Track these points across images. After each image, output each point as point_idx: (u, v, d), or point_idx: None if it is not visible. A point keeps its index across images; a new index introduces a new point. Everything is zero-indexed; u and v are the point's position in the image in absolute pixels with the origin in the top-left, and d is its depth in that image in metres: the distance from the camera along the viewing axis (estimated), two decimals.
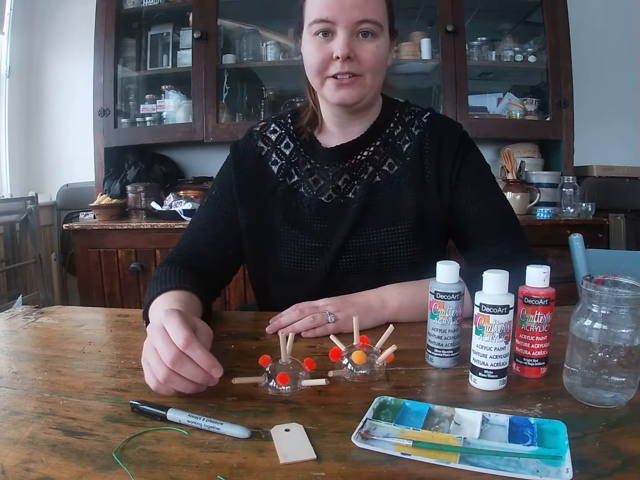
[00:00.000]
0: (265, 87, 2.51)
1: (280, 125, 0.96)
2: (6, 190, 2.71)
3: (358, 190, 0.89)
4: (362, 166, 0.90)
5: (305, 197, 0.91)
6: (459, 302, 0.63)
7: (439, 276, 0.64)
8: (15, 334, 0.80)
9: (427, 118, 0.92)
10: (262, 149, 0.94)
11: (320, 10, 0.79)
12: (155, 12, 2.41)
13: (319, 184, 0.91)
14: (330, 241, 0.88)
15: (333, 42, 0.79)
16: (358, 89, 0.82)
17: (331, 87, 0.82)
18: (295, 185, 0.92)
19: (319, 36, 0.80)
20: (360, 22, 0.78)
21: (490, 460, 0.44)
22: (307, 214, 0.90)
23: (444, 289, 0.63)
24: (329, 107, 0.90)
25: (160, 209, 2.20)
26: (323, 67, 0.81)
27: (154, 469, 0.43)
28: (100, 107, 2.34)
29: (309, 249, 0.88)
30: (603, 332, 0.53)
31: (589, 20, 2.39)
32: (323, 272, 0.88)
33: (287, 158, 0.93)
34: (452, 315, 0.63)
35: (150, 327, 0.62)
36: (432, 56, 2.28)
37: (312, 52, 0.82)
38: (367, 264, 0.88)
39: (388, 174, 0.90)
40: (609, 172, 2.29)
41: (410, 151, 0.90)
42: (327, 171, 0.91)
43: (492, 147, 2.49)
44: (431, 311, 0.65)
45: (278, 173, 0.92)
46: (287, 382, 0.57)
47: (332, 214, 0.90)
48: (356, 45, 0.79)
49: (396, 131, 0.92)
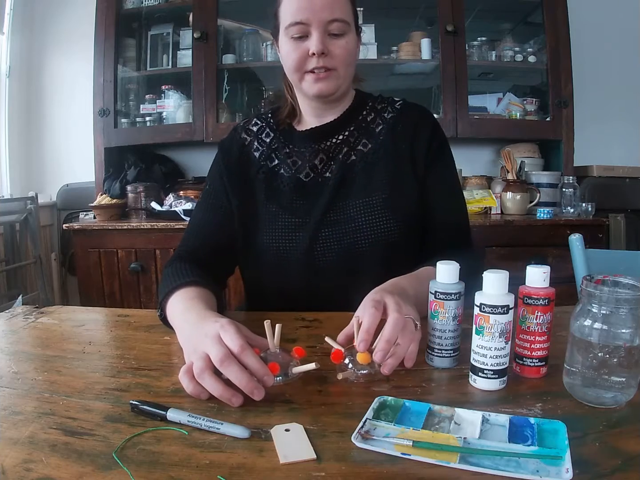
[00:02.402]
0: (265, 87, 2.51)
1: (262, 119, 1.04)
2: (6, 190, 2.71)
3: (334, 168, 0.96)
4: (338, 148, 0.97)
5: (284, 177, 0.97)
6: (459, 302, 0.63)
7: (439, 276, 0.64)
8: (15, 334, 0.80)
9: (400, 105, 1.00)
10: (245, 140, 1.02)
11: (294, 14, 0.87)
12: (155, 12, 2.41)
13: (297, 165, 0.98)
14: (309, 216, 0.93)
15: (308, 41, 0.88)
16: (333, 81, 0.90)
17: (310, 81, 0.90)
18: (276, 168, 0.98)
19: (295, 38, 0.88)
20: (330, 22, 0.87)
21: (490, 460, 0.44)
22: (287, 192, 0.96)
23: (444, 289, 0.63)
24: (306, 99, 0.98)
25: (160, 209, 2.20)
26: (301, 64, 0.89)
27: (154, 469, 0.43)
28: (100, 107, 2.35)
29: (289, 224, 0.93)
30: (603, 332, 0.53)
31: (589, 20, 2.39)
32: (303, 247, 0.91)
33: (267, 145, 1.01)
34: (452, 315, 0.63)
35: (203, 335, 0.59)
36: (432, 56, 2.28)
37: (290, 51, 0.89)
38: (346, 237, 0.91)
39: (362, 152, 0.97)
40: (609, 172, 2.29)
41: (383, 132, 0.97)
42: (304, 152, 0.98)
43: (492, 147, 2.49)
44: (431, 311, 0.65)
45: (259, 158, 1.00)
46: (278, 372, 0.57)
47: (310, 192, 0.95)
48: (329, 43, 0.88)
49: (369, 117, 1.00)
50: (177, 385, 0.60)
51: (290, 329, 0.80)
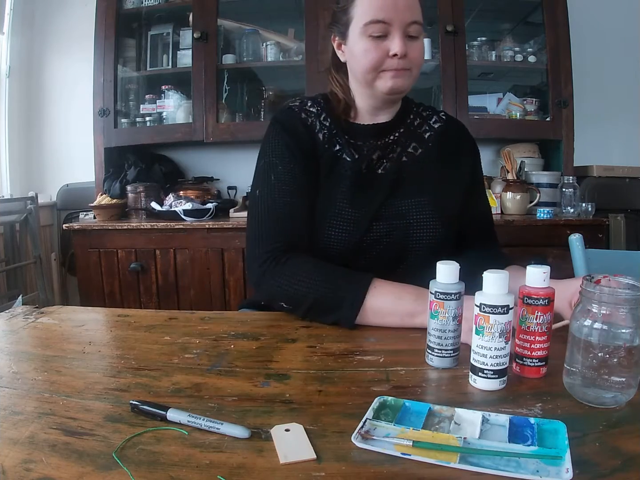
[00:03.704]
0: (265, 87, 2.50)
1: (317, 103, 1.01)
2: (6, 190, 2.71)
3: (388, 167, 0.98)
4: (391, 147, 0.99)
5: (347, 162, 0.96)
6: (459, 302, 0.63)
7: (439, 276, 0.64)
8: (15, 334, 0.80)
9: (444, 115, 1.06)
10: (307, 120, 0.98)
11: (377, 12, 0.86)
12: (155, 12, 2.41)
13: (356, 156, 0.97)
14: (364, 209, 0.94)
15: (388, 41, 0.87)
16: (408, 79, 0.92)
17: (386, 78, 0.90)
18: (339, 153, 0.97)
19: (373, 36, 0.87)
20: (410, 23, 0.87)
21: (490, 460, 0.44)
22: (348, 181, 0.94)
23: (443, 289, 0.63)
24: (367, 97, 0.97)
25: (160, 209, 2.20)
26: (379, 64, 0.89)
27: (154, 469, 0.43)
28: (100, 107, 2.34)
29: (345, 214, 0.93)
30: (603, 332, 0.53)
31: (589, 20, 2.39)
32: (355, 238, 0.92)
33: (328, 128, 0.98)
34: (452, 315, 0.63)
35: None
36: (432, 56, 2.28)
37: (368, 50, 0.88)
38: (395, 232, 0.94)
39: (413, 155, 1.00)
40: (609, 172, 2.29)
41: (431, 139, 1.02)
42: (362, 146, 0.98)
43: (492, 147, 2.49)
44: (431, 311, 0.65)
45: (324, 140, 0.97)
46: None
47: (367, 185, 0.96)
48: (407, 44, 0.88)
49: (416, 122, 1.03)
50: (177, 386, 0.60)
51: (290, 329, 0.80)
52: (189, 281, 2.08)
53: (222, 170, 2.56)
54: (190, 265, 2.06)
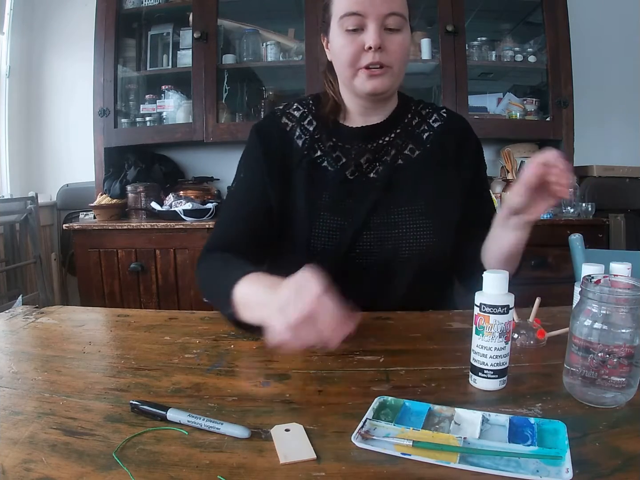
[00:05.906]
0: (265, 87, 2.51)
1: (303, 105, 0.98)
2: (6, 190, 2.70)
3: (381, 171, 0.93)
4: (385, 149, 0.94)
5: (328, 171, 0.92)
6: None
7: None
8: (15, 334, 0.80)
9: (445, 112, 0.99)
10: (287, 125, 0.95)
11: (350, 4, 0.83)
12: (155, 12, 2.41)
13: (342, 161, 0.93)
14: (352, 217, 0.90)
15: (364, 34, 0.83)
16: (387, 78, 0.86)
17: (363, 78, 0.86)
18: (319, 160, 0.93)
19: (349, 30, 0.84)
20: (388, 15, 0.82)
21: (490, 460, 0.44)
22: (331, 188, 0.91)
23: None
24: (354, 97, 0.93)
25: (160, 209, 2.20)
26: (355, 59, 0.85)
27: (154, 469, 0.43)
28: (100, 107, 2.34)
29: (330, 222, 0.89)
30: (603, 332, 0.53)
31: (589, 20, 2.38)
32: (344, 248, 0.89)
33: (310, 134, 0.94)
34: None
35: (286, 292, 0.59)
36: (432, 56, 2.28)
37: (344, 45, 0.85)
38: (388, 242, 0.90)
39: (410, 157, 0.94)
40: (609, 172, 2.28)
41: (430, 139, 0.96)
42: (350, 150, 0.93)
43: (492, 147, 2.49)
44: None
45: (302, 146, 0.94)
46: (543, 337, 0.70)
47: (354, 191, 0.91)
48: (385, 38, 0.83)
49: (414, 121, 0.97)
50: (177, 386, 0.60)
51: None
52: (189, 281, 2.08)
53: (222, 170, 2.56)
54: (190, 265, 2.06)
